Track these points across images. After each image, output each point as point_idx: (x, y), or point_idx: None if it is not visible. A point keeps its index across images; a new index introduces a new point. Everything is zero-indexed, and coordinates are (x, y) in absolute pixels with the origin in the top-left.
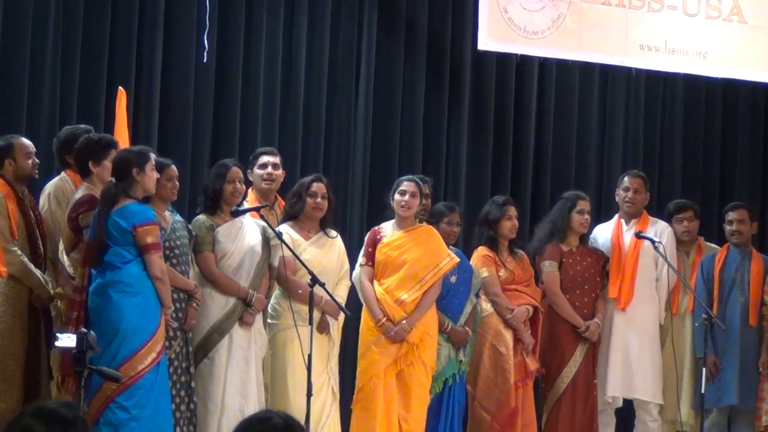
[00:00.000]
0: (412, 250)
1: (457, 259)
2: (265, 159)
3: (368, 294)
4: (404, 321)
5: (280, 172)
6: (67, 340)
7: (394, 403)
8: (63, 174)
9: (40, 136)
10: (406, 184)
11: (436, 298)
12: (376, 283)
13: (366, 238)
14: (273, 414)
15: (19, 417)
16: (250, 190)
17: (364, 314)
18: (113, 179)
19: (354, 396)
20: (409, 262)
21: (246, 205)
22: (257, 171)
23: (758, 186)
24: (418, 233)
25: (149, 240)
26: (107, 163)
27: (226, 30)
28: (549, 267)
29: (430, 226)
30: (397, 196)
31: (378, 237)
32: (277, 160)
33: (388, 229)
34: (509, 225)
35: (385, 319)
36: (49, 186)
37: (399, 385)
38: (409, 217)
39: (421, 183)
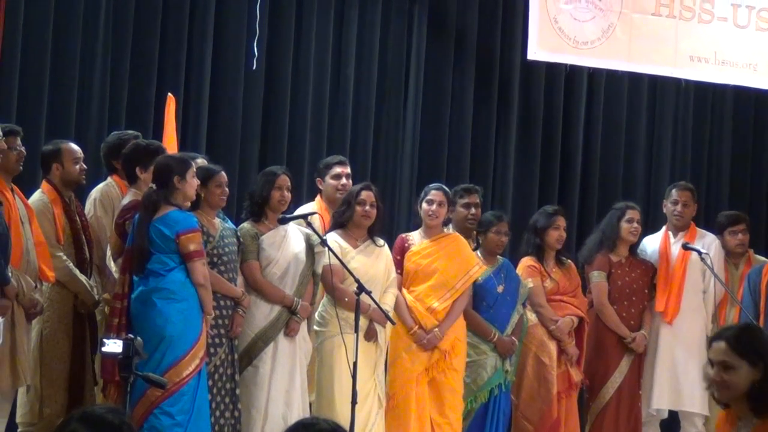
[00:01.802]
0: (441, 258)
1: (485, 267)
2: (338, 170)
3: (399, 302)
4: (436, 329)
5: (351, 182)
6: (113, 345)
7: (426, 410)
8: (109, 179)
9: (88, 142)
10: (433, 193)
11: (465, 305)
12: (405, 290)
13: (393, 246)
14: (319, 420)
15: (66, 422)
16: (318, 197)
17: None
18: (154, 186)
19: (386, 403)
20: (439, 270)
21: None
22: (331, 181)
23: None
24: (446, 241)
25: (192, 247)
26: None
27: (276, 37)
28: (598, 277)
29: (458, 234)
30: (425, 205)
31: (406, 245)
32: (349, 170)
33: (415, 237)
34: (556, 235)
35: (417, 327)
36: (95, 191)
37: (432, 392)
38: (436, 226)
39: (448, 191)
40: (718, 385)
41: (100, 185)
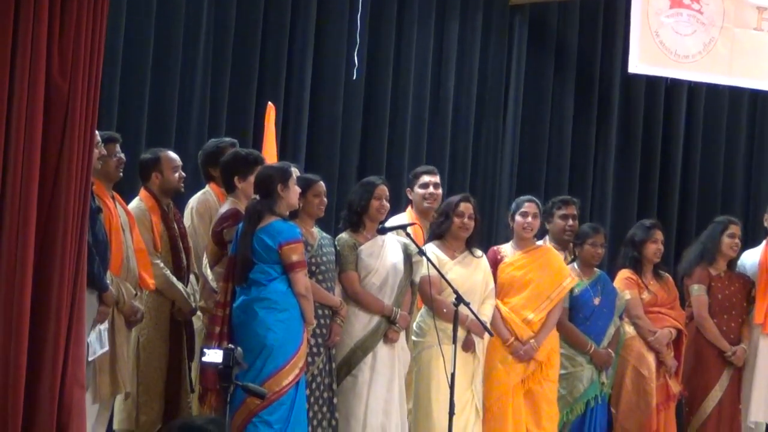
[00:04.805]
0: (535, 270)
1: (579, 279)
2: (426, 179)
3: (494, 313)
4: (533, 340)
5: (440, 191)
6: (213, 355)
7: (523, 421)
8: (207, 187)
9: (187, 150)
10: (527, 205)
11: (560, 316)
12: (499, 302)
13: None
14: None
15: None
16: (409, 208)
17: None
18: (257, 196)
19: (483, 415)
20: (533, 282)
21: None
22: (418, 190)
23: None
24: (539, 253)
25: (294, 258)
26: (252, 179)
27: (376, 47)
28: (698, 290)
29: (549, 246)
30: (518, 218)
31: (498, 257)
32: (437, 179)
33: (508, 249)
34: (654, 248)
35: (513, 338)
36: (193, 200)
37: (528, 404)
38: (530, 238)
39: (539, 204)
40: None
41: (198, 194)
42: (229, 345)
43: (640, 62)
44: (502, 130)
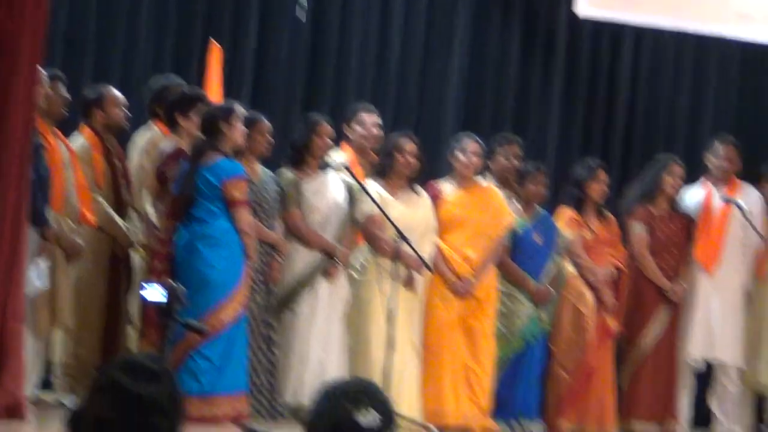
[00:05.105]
0: (476, 208)
1: (521, 217)
2: (365, 116)
3: (435, 251)
4: (472, 277)
5: (378, 131)
6: (154, 291)
7: (461, 356)
8: (152, 125)
9: (131, 88)
10: (467, 142)
11: (500, 254)
12: (439, 240)
13: None
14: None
15: (106, 369)
16: (344, 144)
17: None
18: (201, 135)
19: (421, 352)
20: (474, 220)
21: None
22: (357, 128)
23: None
24: (480, 192)
25: (237, 195)
26: (194, 117)
27: None
28: (639, 228)
29: (491, 185)
30: (459, 155)
31: (436, 193)
32: (377, 119)
33: (447, 186)
34: (598, 188)
35: (453, 276)
36: (138, 137)
37: (466, 339)
38: (470, 176)
39: (481, 142)
40: None
41: (143, 131)
42: (170, 281)
43: (589, 5)
44: (447, 70)
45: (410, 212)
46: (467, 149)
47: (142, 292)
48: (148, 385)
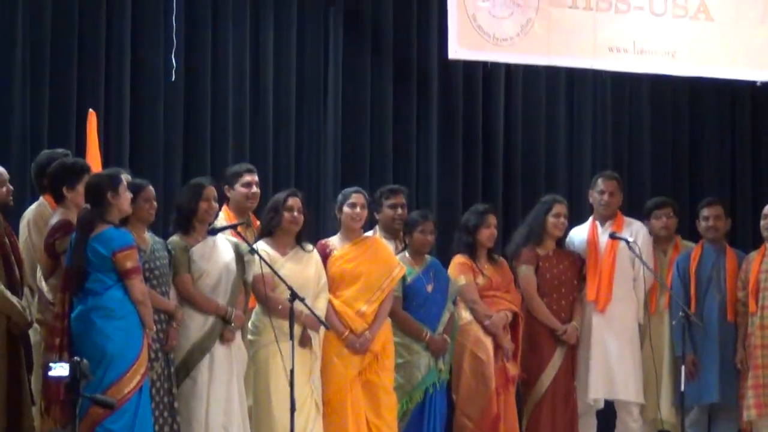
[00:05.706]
0: (365, 261)
1: (410, 267)
2: (248, 178)
3: (327, 307)
4: (367, 332)
5: (258, 190)
6: (60, 369)
7: (362, 412)
8: (41, 199)
9: (11, 162)
10: (354, 196)
11: (393, 305)
12: (331, 296)
13: None
14: None
15: None
16: (224, 206)
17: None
18: (88, 205)
19: (323, 410)
20: (364, 274)
21: (220, 222)
22: (240, 189)
23: (727, 183)
24: (367, 244)
25: (129, 265)
26: (81, 188)
27: (193, 47)
28: (525, 270)
29: (377, 237)
30: (346, 209)
31: (327, 251)
32: (256, 178)
33: (336, 241)
34: (488, 233)
35: (347, 331)
36: (28, 212)
37: (366, 395)
38: (358, 229)
39: (366, 194)
40: None
41: (33, 206)
42: (75, 357)
43: (459, 48)
44: (323, 122)
45: (300, 269)
46: (354, 202)
47: (49, 372)
48: None
